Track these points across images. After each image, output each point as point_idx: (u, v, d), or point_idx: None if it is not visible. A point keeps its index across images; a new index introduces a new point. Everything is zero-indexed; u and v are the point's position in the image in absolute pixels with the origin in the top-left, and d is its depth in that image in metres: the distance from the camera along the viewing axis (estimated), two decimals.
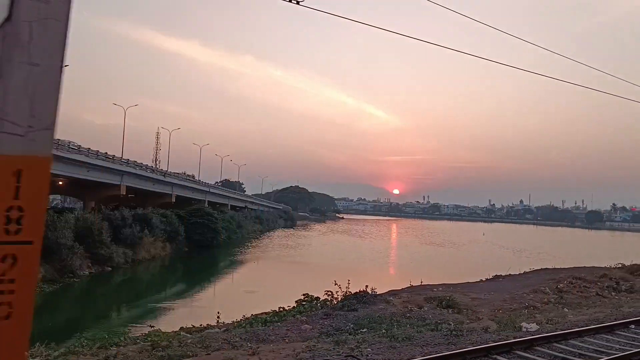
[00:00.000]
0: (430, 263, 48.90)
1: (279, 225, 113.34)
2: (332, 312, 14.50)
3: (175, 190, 61.15)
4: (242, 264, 49.05)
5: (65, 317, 25.16)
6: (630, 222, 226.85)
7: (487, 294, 21.21)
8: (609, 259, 37.47)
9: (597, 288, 24.15)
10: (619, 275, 27.94)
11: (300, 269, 43.58)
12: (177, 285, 36.05)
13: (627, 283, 25.48)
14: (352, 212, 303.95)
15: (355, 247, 66.92)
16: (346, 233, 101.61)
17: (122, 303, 29.35)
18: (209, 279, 38.68)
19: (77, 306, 27.78)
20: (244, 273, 42.60)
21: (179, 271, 42.75)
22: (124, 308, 28.00)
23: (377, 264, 47.58)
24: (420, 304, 16.54)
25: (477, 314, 16.17)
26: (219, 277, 39.12)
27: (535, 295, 20.94)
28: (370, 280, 32.04)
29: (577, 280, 25.61)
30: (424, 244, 78.48)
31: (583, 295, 21.35)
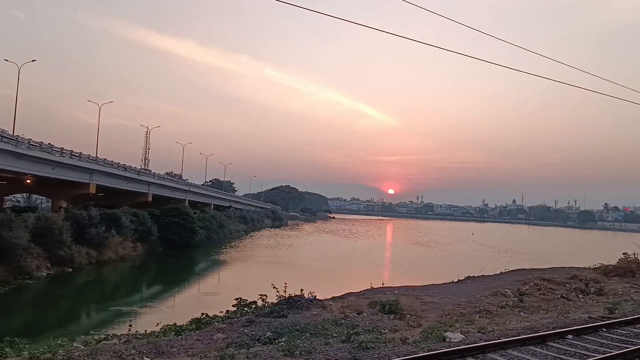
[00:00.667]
0: (408, 264, 47.76)
1: (266, 225, 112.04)
2: (257, 319, 13.27)
3: (152, 189, 59.77)
4: (215, 265, 47.77)
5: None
6: (622, 221, 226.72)
7: (444, 297, 20.05)
8: (593, 259, 36.61)
9: (564, 290, 23.05)
10: (591, 276, 26.86)
11: (273, 270, 42.24)
12: (139, 288, 34.72)
13: (598, 285, 24.38)
14: (346, 212, 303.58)
15: (337, 248, 65.72)
16: (333, 233, 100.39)
17: (74, 306, 28.01)
18: (174, 281, 37.40)
19: (22, 309, 26.40)
20: (212, 274, 41.35)
21: (146, 272, 41.40)
22: (73, 311, 26.66)
23: (353, 265, 46.38)
24: (360, 309, 15.35)
25: (421, 319, 14.99)
26: (186, 278, 37.81)
27: (495, 299, 19.79)
28: (334, 282, 31.16)
29: (544, 282, 24.51)
30: (409, 244, 77.40)
31: (545, 298, 20.22)
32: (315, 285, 30.71)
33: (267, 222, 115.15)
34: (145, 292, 32.36)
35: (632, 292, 23.27)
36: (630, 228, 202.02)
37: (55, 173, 41.70)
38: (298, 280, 36.57)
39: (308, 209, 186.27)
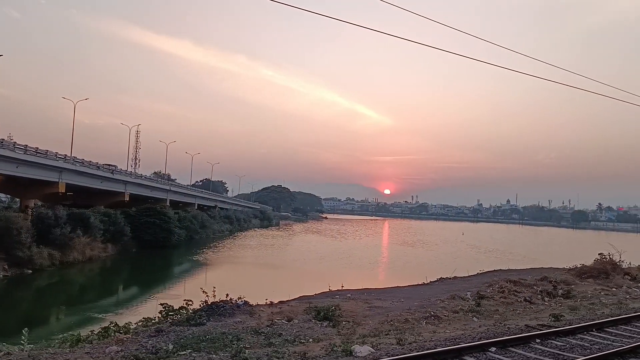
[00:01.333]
0: (387, 265, 46.65)
1: (254, 225, 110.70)
2: (169, 328, 12.05)
3: (130, 188, 58.38)
4: (188, 267, 46.55)
5: None
6: (616, 221, 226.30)
7: (397, 301, 18.86)
8: (577, 260, 35.65)
9: (530, 293, 21.92)
10: (563, 278, 25.75)
11: (243, 272, 41.16)
12: (96, 291, 33.33)
13: (567, 287, 23.27)
14: (340, 212, 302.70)
15: (319, 248, 64.53)
16: (320, 233, 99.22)
17: (24, 310, 26.68)
18: (139, 283, 36.13)
19: None
20: (181, 276, 40.08)
21: (112, 274, 40.07)
22: (18, 316, 25.33)
23: (329, 266, 45.16)
24: (293, 316, 14.14)
25: (357, 327, 13.79)
26: (152, 280, 36.52)
27: (451, 303, 18.62)
28: (296, 284, 29.91)
29: (511, 284, 23.37)
30: (395, 244, 76.31)
31: (506, 302, 19.05)
32: (273, 287, 29.75)
33: (254, 222, 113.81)
34: (102, 295, 31.03)
35: (601, 295, 22.16)
36: (623, 228, 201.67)
37: (20, 171, 40.29)
38: (262, 282, 35.76)
39: (300, 209, 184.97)
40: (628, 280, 26.60)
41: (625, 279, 26.85)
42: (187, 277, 40.03)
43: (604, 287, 24.64)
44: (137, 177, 60.39)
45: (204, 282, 37.61)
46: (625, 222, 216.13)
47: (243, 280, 37.17)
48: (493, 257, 60.54)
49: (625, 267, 29.12)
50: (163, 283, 34.75)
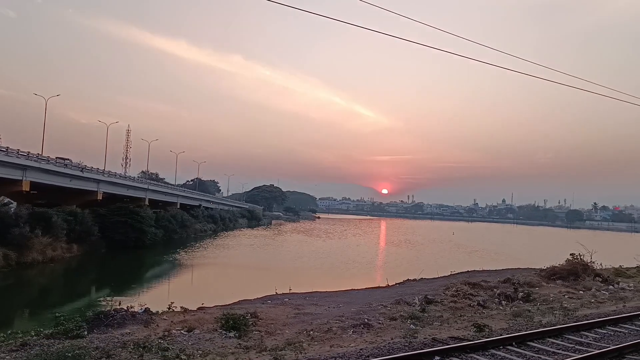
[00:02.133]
0: (361, 265, 45.18)
1: (241, 224, 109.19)
2: (36, 341, 10.57)
3: (103, 187, 56.82)
4: (155, 267, 45.10)
5: None
6: (610, 221, 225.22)
7: (335, 307, 17.42)
8: (560, 259, 34.37)
9: (488, 296, 20.47)
10: (527, 280, 24.32)
11: (208, 273, 39.69)
12: (44, 294, 31.74)
13: (530, 289, 21.82)
14: (335, 211, 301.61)
15: (299, 248, 63.11)
16: (307, 233, 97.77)
17: None
18: (95, 285, 34.61)
19: None
20: (142, 277, 38.55)
21: (70, 276, 38.43)
22: None
23: (299, 267, 43.79)
24: (197, 325, 12.64)
25: (269, 337, 12.32)
26: (110, 282, 34.93)
27: (394, 308, 17.19)
28: (246, 287, 28.27)
29: (469, 286, 21.92)
30: (379, 244, 74.85)
31: (455, 307, 17.59)
32: (223, 290, 28.18)
33: (242, 221, 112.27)
34: (40, 299, 29.45)
35: (564, 298, 20.75)
36: (618, 227, 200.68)
37: None
38: (217, 284, 34.25)
39: (292, 208, 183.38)
40: (599, 282, 25.21)
41: (595, 280, 25.45)
42: (148, 278, 38.51)
43: (571, 289, 23.23)
44: (110, 175, 58.76)
45: (163, 284, 36.20)
46: (620, 222, 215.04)
47: (200, 282, 35.77)
48: (477, 257, 59.18)
49: (598, 268, 27.82)
50: (120, 285, 33.23)
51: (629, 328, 11.16)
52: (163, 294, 29.97)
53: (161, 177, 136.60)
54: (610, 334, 10.67)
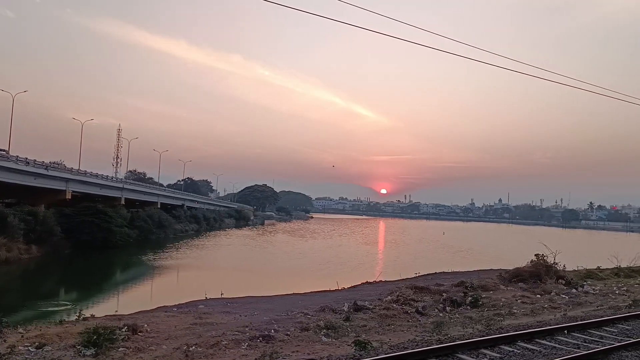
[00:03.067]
0: (332, 267, 43.59)
1: (227, 225, 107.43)
2: None
3: (72, 186, 55.08)
4: (118, 269, 43.57)
5: None
6: (606, 220, 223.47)
7: (250, 314, 15.77)
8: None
9: (433, 301, 18.81)
10: (482, 283, 22.64)
11: (171, 275, 38.04)
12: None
13: (481, 293, 20.15)
14: (332, 211, 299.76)
15: (277, 249, 61.63)
16: (292, 233, 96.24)
17: None
18: (44, 288, 32.91)
19: None
20: (97, 280, 36.84)
21: (20, 279, 36.77)
22: None
23: (265, 268, 42.36)
24: (54, 340, 10.98)
25: (137, 354, 10.67)
26: (63, 284, 33.33)
27: (316, 316, 15.55)
28: (194, 289, 26.81)
29: (413, 290, 20.28)
30: (361, 244, 73.21)
31: (386, 315, 15.91)
32: (165, 293, 26.70)
33: (228, 221, 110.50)
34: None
35: (517, 303, 19.10)
36: (614, 227, 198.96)
37: None
38: (167, 287, 32.78)
39: (284, 208, 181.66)
40: (561, 285, 23.57)
41: (558, 283, 23.81)
42: (102, 281, 36.80)
43: (529, 293, 21.57)
44: (80, 173, 56.98)
45: (114, 286, 34.56)
46: (616, 221, 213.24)
47: (152, 285, 34.16)
48: (459, 258, 57.62)
49: (562, 269, 26.20)
50: (68, 288, 31.61)
51: (542, 345, 9.50)
52: (107, 298, 28.36)
53: (149, 177, 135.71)
54: (512, 352, 9.02)
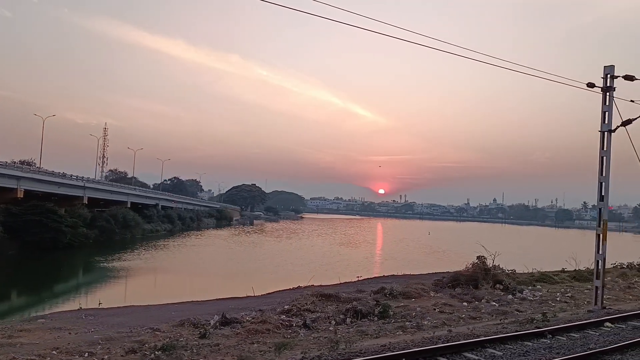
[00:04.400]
0: (291, 268, 41.48)
1: (207, 224, 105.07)
2: None
3: (24, 184, 52.50)
4: (57, 271, 41.08)
5: None
6: None
7: (91, 330, 13.30)
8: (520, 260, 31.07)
9: (334, 311, 16.31)
10: (405, 289, 20.13)
11: (104, 278, 35.54)
12: None
13: (390, 304, 17.58)
14: (326, 211, 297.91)
15: (244, 249, 59.33)
16: (271, 233, 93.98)
17: None
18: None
19: None
20: (27, 283, 34.38)
21: None
22: None
23: (208, 271, 40.24)
24: None
25: None
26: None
27: (170, 331, 13.11)
28: (104, 295, 24.77)
29: (319, 298, 17.79)
30: (337, 245, 70.76)
31: (257, 330, 13.40)
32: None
33: (208, 221, 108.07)
34: None
35: (434, 313, 16.62)
36: (608, 227, 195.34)
37: None
38: (58, 293, 30.85)
39: (272, 208, 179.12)
40: (499, 290, 21.11)
41: (495, 288, 21.34)
42: (31, 284, 34.31)
43: (456, 300, 19.08)
44: (31, 171, 54.39)
45: (39, 290, 32.08)
46: (610, 221, 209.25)
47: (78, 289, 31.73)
48: (432, 259, 55.36)
49: (501, 272, 23.81)
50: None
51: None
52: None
53: (132, 177, 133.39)
54: None
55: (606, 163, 14.60)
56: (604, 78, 14.15)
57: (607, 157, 14.56)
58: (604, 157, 14.59)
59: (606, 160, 14.58)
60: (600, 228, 14.67)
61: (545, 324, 11.86)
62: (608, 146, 14.54)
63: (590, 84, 13.77)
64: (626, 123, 14.22)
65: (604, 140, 14.53)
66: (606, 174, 14.60)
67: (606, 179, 14.61)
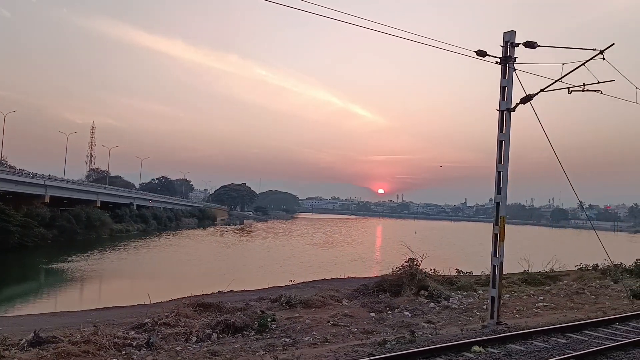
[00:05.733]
0: (248, 270, 39.30)
1: (188, 224, 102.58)
2: None
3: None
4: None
5: None
6: (596, 220, 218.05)
7: None
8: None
9: (201, 326, 13.90)
10: (306, 297, 17.71)
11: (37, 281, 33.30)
12: None
13: (270, 316, 15.14)
14: (321, 211, 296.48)
15: (206, 250, 57.05)
16: (248, 233, 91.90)
17: None
18: None
19: None
20: None
21: None
22: None
23: (159, 273, 37.88)
24: None
25: None
26: None
27: None
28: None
29: (195, 308, 15.35)
30: (311, 244, 68.44)
31: (71, 352, 10.95)
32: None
33: (189, 221, 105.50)
34: None
35: (326, 326, 14.19)
36: (602, 226, 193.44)
37: None
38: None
39: (262, 208, 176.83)
40: (422, 298, 18.72)
41: (420, 295, 18.96)
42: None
43: (366, 310, 16.70)
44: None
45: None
46: (606, 221, 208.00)
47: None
48: (400, 260, 52.83)
49: (446, 276, 21.47)
50: None
51: None
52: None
53: (116, 176, 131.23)
54: None
55: (505, 148, 12.20)
56: (503, 46, 11.76)
57: (506, 141, 12.17)
58: (503, 142, 12.19)
59: (505, 145, 12.18)
60: (497, 226, 12.19)
61: (407, 346, 9.47)
62: (507, 128, 12.15)
63: (480, 52, 11.36)
64: (526, 100, 11.85)
65: (503, 121, 12.13)
66: (505, 161, 12.19)
67: (505, 168, 12.20)
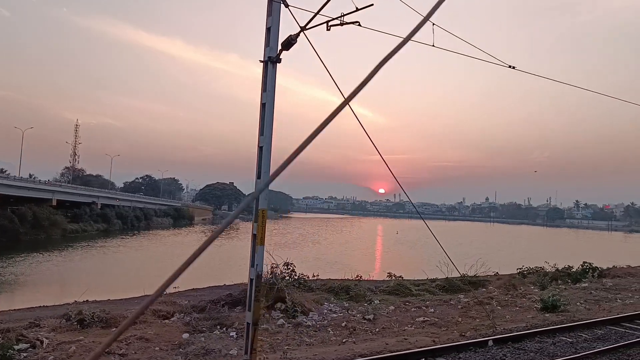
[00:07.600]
0: (152, 275, 35.35)
1: (160, 224, 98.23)
2: None
3: None
4: None
5: None
6: (591, 219, 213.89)
7: None
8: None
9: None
10: (118, 313, 13.71)
11: None
12: None
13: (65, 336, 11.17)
14: (316, 210, 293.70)
15: (156, 250, 53.26)
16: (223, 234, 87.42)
17: None
18: None
19: None
20: None
21: None
22: None
23: (71, 279, 34.17)
24: None
25: None
26: None
27: None
28: None
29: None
30: (274, 245, 64.33)
31: None
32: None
33: (162, 220, 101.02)
34: None
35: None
36: (598, 225, 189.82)
37: None
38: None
39: (249, 207, 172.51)
40: (277, 312, 14.61)
41: (275, 309, 14.83)
42: None
43: (184, 328, 12.68)
44: None
45: None
46: (601, 220, 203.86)
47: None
48: (357, 261, 49.23)
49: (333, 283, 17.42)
50: None
51: None
52: None
53: (97, 175, 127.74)
54: None
55: (268, 113, 8.15)
56: None
57: (270, 104, 8.10)
58: (266, 104, 8.13)
59: (268, 108, 8.13)
60: (256, 224, 8.11)
61: None
62: (271, 85, 8.10)
63: None
64: (288, 44, 7.94)
65: (266, 75, 8.11)
66: (268, 131, 8.15)
67: (267, 141, 8.16)
